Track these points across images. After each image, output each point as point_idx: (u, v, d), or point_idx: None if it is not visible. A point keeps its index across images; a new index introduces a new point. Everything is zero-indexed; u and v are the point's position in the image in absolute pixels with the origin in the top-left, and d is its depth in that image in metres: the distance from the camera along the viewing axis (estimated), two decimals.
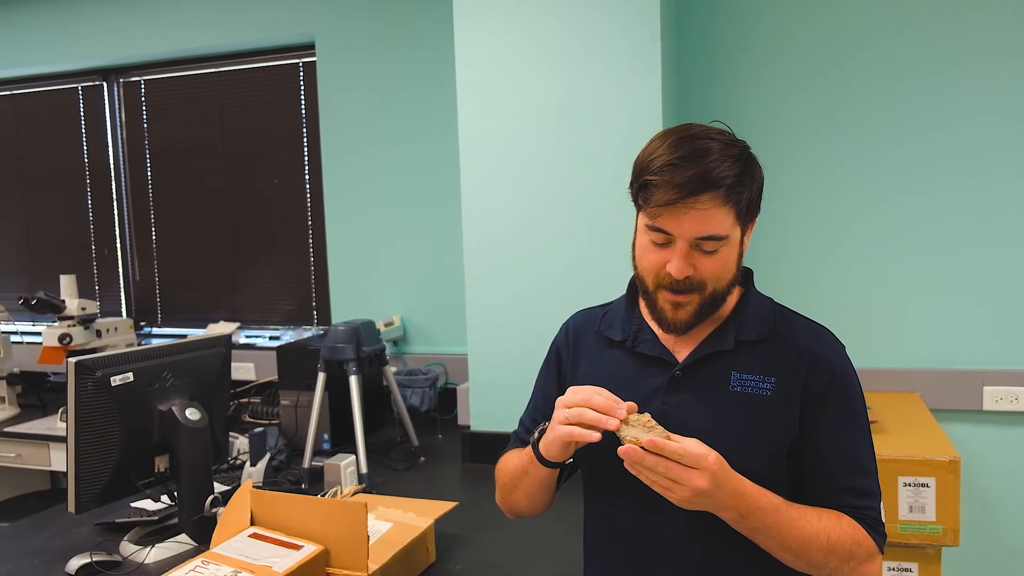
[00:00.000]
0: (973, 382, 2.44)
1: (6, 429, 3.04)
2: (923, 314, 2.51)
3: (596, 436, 1.08)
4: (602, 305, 1.39)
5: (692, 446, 1.03)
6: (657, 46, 2.17)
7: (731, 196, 1.10)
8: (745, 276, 1.28)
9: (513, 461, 1.32)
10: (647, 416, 1.09)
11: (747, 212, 1.15)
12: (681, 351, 1.24)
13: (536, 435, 1.23)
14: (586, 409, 1.09)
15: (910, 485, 1.90)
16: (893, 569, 1.96)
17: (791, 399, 1.17)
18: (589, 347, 1.33)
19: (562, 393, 1.15)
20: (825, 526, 1.12)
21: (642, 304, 1.27)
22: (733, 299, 1.25)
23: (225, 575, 1.29)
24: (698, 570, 1.19)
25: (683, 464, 1.03)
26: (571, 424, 1.10)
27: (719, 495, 1.05)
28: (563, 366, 1.36)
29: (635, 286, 1.28)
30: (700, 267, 1.14)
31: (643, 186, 1.13)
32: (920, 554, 1.94)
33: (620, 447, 1.04)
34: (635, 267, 1.22)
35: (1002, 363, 2.44)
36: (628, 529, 1.24)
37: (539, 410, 1.38)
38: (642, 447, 1.03)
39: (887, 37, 2.48)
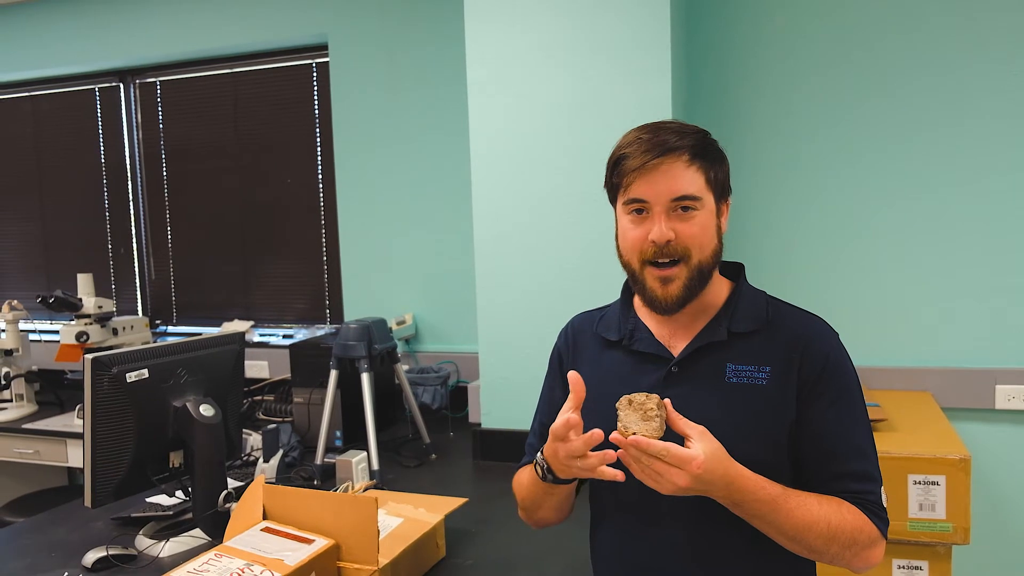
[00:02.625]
0: (985, 381, 2.43)
1: (24, 426, 3.08)
2: (935, 313, 2.50)
3: (621, 476, 1.09)
4: (599, 308, 1.42)
5: (676, 448, 1.05)
6: (667, 45, 2.18)
7: (695, 159, 1.18)
8: (736, 271, 1.32)
9: (528, 482, 1.33)
10: (654, 400, 1.09)
11: (717, 184, 1.21)
12: (676, 346, 1.26)
13: (543, 471, 1.23)
14: (589, 458, 1.10)
15: (920, 483, 1.90)
16: (903, 567, 1.96)
17: (787, 387, 1.19)
18: (588, 349, 1.36)
19: (566, 395, 1.15)
20: (825, 513, 1.13)
21: (636, 303, 1.31)
22: (724, 292, 1.28)
23: (237, 568, 1.31)
24: (704, 557, 1.21)
25: (666, 462, 1.05)
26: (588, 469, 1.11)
27: (707, 488, 1.08)
28: (564, 369, 1.38)
29: (629, 288, 1.33)
30: (680, 232, 1.18)
31: (615, 163, 1.22)
32: (930, 552, 1.94)
33: (612, 433, 1.07)
34: (620, 255, 1.27)
35: (1015, 362, 2.43)
36: (635, 518, 1.26)
37: (548, 416, 1.38)
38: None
39: (897, 36, 2.47)
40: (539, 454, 1.23)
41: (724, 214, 1.25)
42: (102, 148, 3.81)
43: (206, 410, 1.83)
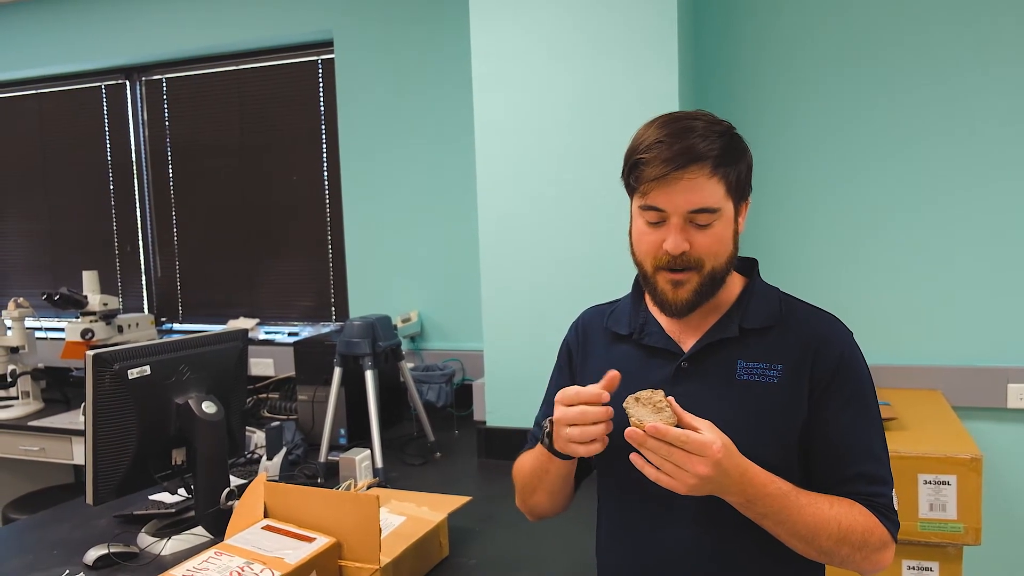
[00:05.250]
0: (997, 379, 2.40)
1: (30, 423, 3.08)
2: (946, 311, 2.47)
3: (602, 446, 1.10)
4: (610, 302, 1.40)
5: (695, 434, 1.02)
6: (674, 40, 2.15)
7: (719, 168, 1.13)
8: (750, 266, 1.29)
9: (529, 462, 1.31)
10: (660, 394, 1.08)
11: (737, 188, 1.17)
12: (687, 342, 1.23)
13: (544, 436, 1.21)
14: (588, 427, 1.09)
15: (931, 483, 1.87)
16: (913, 568, 1.93)
17: (798, 386, 1.16)
18: (597, 343, 1.33)
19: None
20: (836, 514, 1.11)
21: (647, 297, 1.28)
22: (737, 288, 1.25)
23: (237, 566, 1.30)
24: (712, 559, 1.18)
25: (685, 450, 1.02)
26: (578, 443, 1.11)
27: (724, 481, 1.04)
28: (574, 363, 1.37)
29: (640, 282, 1.29)
30: (696, 243, 1.14)
31: (633, 166, 1.16)
32: (941, 553, 1.91)
33: (626, 429, 1.04)
34: (633, 254, 1.23)
35: None
36: (641, 519, 1.23)
37: (551, 408, 1.37)
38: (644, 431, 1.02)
39: (910, 35, 2.44)
40: (547, 420, 1.21)
41: (743, 213, 1.21)
42: (108, 146, 3.80)
43: (208, 407, 1.82)
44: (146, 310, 3.82)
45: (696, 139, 1.12)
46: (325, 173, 3.39)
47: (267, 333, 3.51)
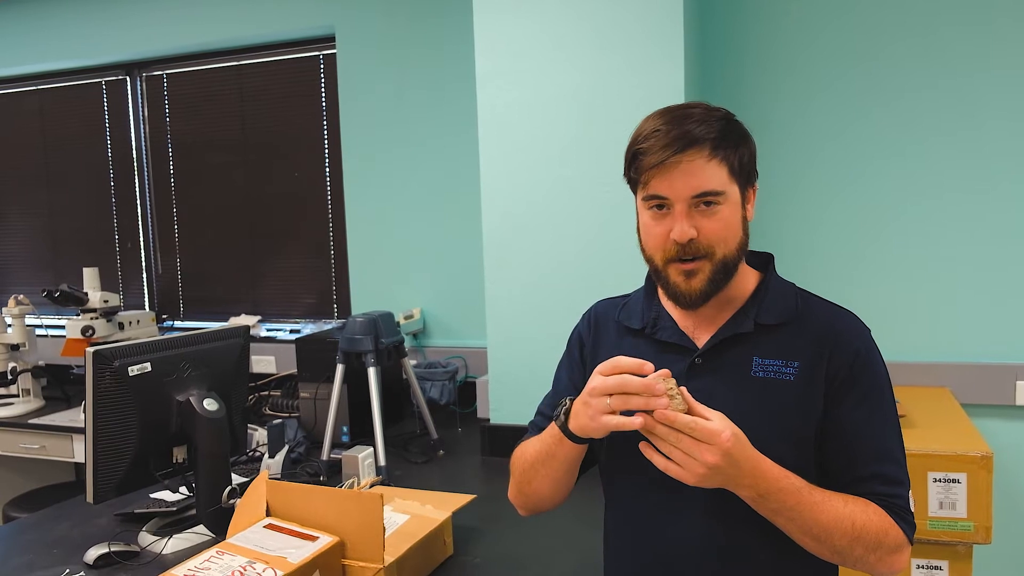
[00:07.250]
0: (1006, 376, 2.38)
1: (31, 421, 3.07)
2: (955, 308, 2.45)
3: (639, 423, 1.03)
4: (622, 295, 1.38)
5: (704, 421, 1.00)
6: (680, 35, 2.13)
7: (718, 150, 1.11)
8: (765, 261, 1.27)
9: (534, 447, 1.28)
10: (672, 383, 1.05)
11: (741, 172, 1.15)
12: (701, 337, 1.21)
13: (561, 413, 1.17)
14: (631, 397, 1.04)
15: (940, 481, 1.85)
16: (923, 567, 1.91)
17: (815, 383, 1.14)
18: (609, 336, 1.32)
19: (585, 379, 1.11)
20: (850, 512, 1.08)
21: (660, 292, 1.26)
22: (752, 283, 1.23)
23: (239, 566, 1.28)
24: (721, 554, 1.16)
25: (695, 438, 1.00)
26: (614, 412, 1.05)
27: (734, 472, 1.02)
28: (584, 352, 1.35)
29: (652, 277, 1.28)
30: (703, 229, 1.12)
31: (633, 158, 1.15)
32: (951, 552, 1.89)
33: (635, 415, 1.02)
34: (643, 251, 1.21)
35: None
36: (650, 511, 1.21)
37: (561, 397, 1.35)
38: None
39: (917, 34, 2.42)
40: (567, 398, 1.17)
41: (751, 200, 1.19)
42: (109, 142, 3.79)
43: (210, 404, 1.80)
44: (147, 307, 3.80)
45: (693, 124, 1.11)
46: (327, 169, 3.36)
47: (269, 330, 3.49)
